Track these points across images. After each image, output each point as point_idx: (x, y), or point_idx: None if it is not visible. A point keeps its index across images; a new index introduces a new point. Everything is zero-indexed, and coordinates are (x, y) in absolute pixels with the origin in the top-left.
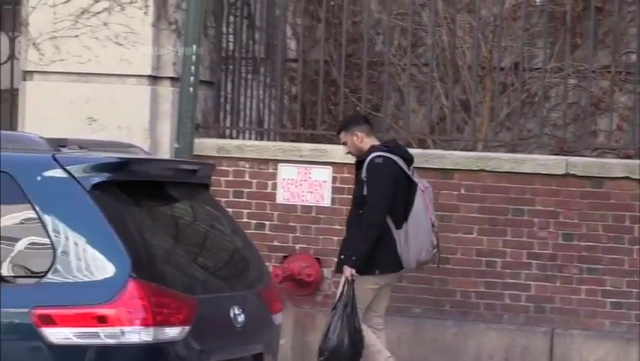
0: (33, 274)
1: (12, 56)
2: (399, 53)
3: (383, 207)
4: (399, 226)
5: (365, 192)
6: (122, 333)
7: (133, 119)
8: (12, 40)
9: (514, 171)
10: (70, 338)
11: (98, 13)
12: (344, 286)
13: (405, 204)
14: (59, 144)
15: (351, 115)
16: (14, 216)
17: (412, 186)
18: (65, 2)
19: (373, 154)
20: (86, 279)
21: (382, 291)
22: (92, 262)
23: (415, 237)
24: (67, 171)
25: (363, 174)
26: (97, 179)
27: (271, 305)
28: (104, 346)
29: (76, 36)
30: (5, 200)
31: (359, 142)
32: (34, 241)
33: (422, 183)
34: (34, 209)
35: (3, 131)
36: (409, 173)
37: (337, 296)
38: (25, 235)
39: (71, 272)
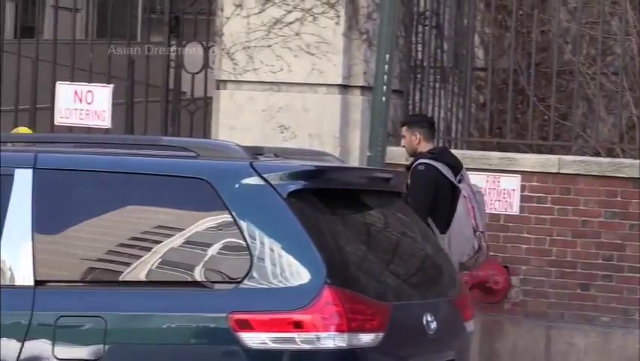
0: (230, 280)
1: (206, 66)
2: (588, 62)
3: (422, 214)
4: (443, 231)
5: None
6: (318, 339)
7: (324, 127)
8: (206, 50)
9: None
10: (266, 343)
11: (291, 23)
12: None
13: (448, 211)
14: (256, 152)
15: (419, 115)
16: (212, 222)
17: (455, 193)
18: (259, 13)
19: (418, 161)
20: (282, 285)
21: None
22: (287, 269)
23: (456, 242)
24: (265, 179)
25: (408, 180)
26: (293, 186)
27: (463, 312)
28: (299, 351)
29: (269, 46)
30: (203, 207)
31: (416, 142)
32: (231, 247)
33: (470, 188)
34: (232, 216)
35: (201, 139)
36: (455, 180)
37: None
38: (222, 241)
39: (267, 278)
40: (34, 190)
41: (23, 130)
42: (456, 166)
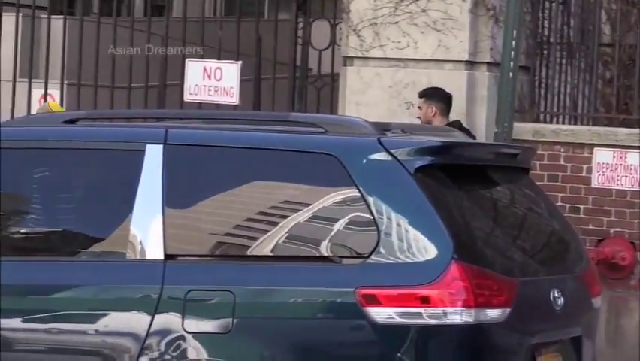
0: (358, 255)
1: (333, 42)
2: None
3: None
4: None
5: None
6: (445, 314)
7: None
8: (333, 27)
9: None
10: (393, 318)
11: (417, 0)
12: None
13: None
14: (383, 127)
15: (438, 89)
16: (339, 198)
17: None
18: None
19: None
20: (409, 260)
21: None
22: (414, 244)
23: None
24: (392, 155)
25: None
26: (420, 162)
27: (591, 288)
28: (426, 326)
29: (396, 22)
30: (331, 182)
31: (431, 115)
32: (358, 222)
33: None
34: (359, 191)
35: (330, 115)
36: None
37: None
38: (349, 216)
39: (394, 253)
40: (165, 165)
41: (53, 105)
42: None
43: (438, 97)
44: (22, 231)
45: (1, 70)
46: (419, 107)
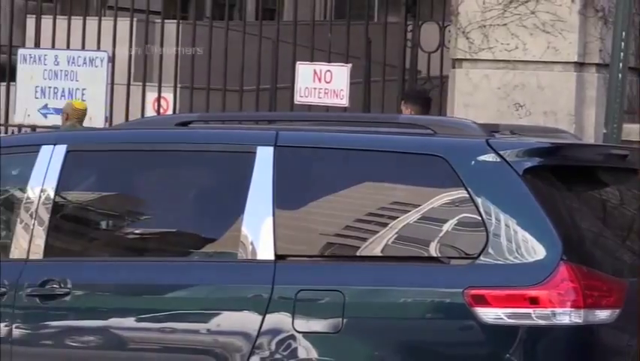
0: (466, 256)
1: (442, 45)
2: None
3: None
4: None
5: None
6: (553, 315)
7: (559, 104)
8: (442, 29)
9: None
10: (502, 318)
11: (526, 2)
12: None
13: None
14: (492, 129)
15: (417, 91)
16: (447, 199)
17: None
18: None
19: None
20: (517, 261)
21: None
22: (522, 245)
23: None
24: (501, 156)
25: None
26: (529, 163)
27: None
28: (534, 327)
29: (505, 24)
30: (439, 183)
31: None
32: (467, 223)
33: None
34: (468, 192)
35: (438, 117)
36: None
37: None
38: (457, 217)
39: (503, 254)
40: (275, 167)
41: (76, 103)
42: None
43: (414, 99)
44: (136, 232)
45: (115, 73)
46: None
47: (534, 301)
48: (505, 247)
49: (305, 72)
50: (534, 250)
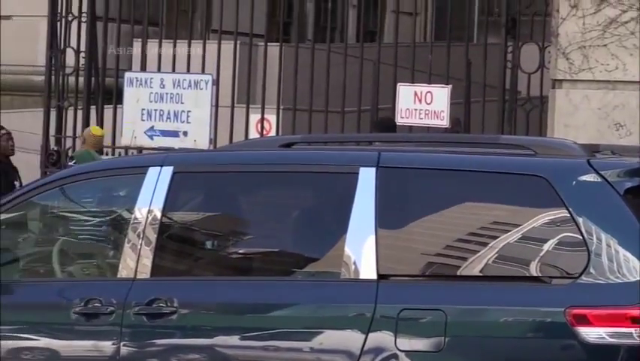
0: (568, 275)
1: (542, 65)
2: None
3: None
4: None
5: None
6: None
7: None
8: (542, 50)
9: None
10: (603, 338)
11: (626, 22)
12: None
13: None
14: (592, 149)
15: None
16: (548, 218)
17: None
18: (594, 13)
19: None
20: (619, 280)
21: None
22: (624, 264)
23: None
24: (602, 176)
25: None
26: (630, 183)
27: None
28: (637, 346)
29: (605, 45)
30: (540, 203)
31: None
32: (568, 243)
33: None
34: (569, 212)
35: (539, 138)
36: None
37: None
38: (558, 237)
39: (604, 273)
40: (377, 187)
41: (94, 129)
42: None
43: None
44: (240, 251)
45: (219, 96)
46: None
47: (636, 321)
48: (607, 266)
49: (406, 93)
50: (635, 270)
